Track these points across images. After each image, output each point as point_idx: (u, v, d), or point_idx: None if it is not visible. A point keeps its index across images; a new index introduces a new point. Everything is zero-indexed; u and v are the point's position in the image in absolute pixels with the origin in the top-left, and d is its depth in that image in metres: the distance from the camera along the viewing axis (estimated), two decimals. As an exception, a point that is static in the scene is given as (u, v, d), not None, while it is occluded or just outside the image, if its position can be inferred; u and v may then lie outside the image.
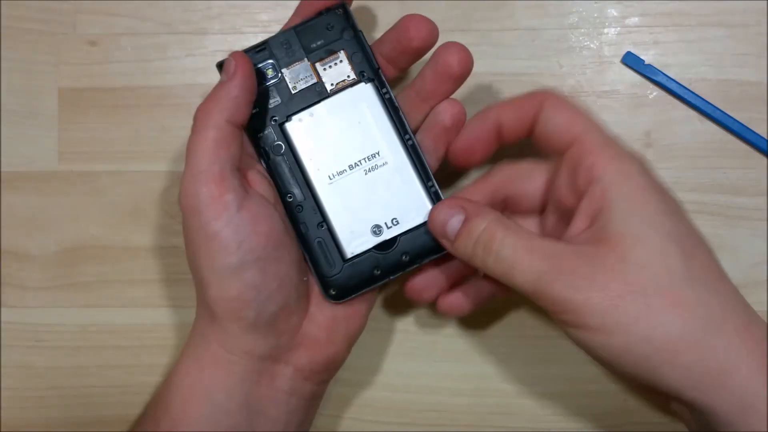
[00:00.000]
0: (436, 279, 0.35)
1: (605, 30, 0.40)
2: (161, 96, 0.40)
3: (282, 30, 0.35)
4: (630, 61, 0.39)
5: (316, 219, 0.34)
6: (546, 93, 0.33)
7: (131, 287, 0.40)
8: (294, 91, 0.34)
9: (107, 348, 0.40)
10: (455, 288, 0.36)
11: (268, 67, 0.34)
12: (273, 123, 0.34)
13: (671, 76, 0.39)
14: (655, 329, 0.28)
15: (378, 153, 0.34)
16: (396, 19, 0.34)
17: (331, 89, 0.34)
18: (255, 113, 0.34)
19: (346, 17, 0.34)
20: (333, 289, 0.34)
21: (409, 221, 0.34)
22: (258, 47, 0.34)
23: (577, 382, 0.39)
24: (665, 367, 0.28)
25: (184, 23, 0.40)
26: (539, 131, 0.33)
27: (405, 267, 0.34)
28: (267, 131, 0.34)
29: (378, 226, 0.34)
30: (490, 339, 0.40)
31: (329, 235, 0.34)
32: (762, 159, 0.39)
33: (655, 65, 0.39)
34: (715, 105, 0.39)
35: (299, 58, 0.34)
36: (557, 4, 0.40)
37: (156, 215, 0.40)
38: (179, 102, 0.40)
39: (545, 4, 0.40)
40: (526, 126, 0.33)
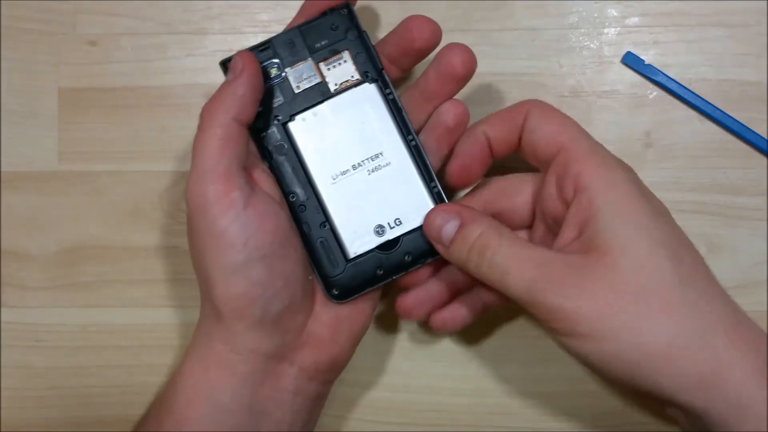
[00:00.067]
0: (427, 297, 0.35)
1: (605, 30, 0.40)
2: (161, 96, 0.40)
3: (286, 29, 0.35)
4: (630, 61, 0.39)
5: (319, 219, 0.34)
6: (530, 103, 0.33)
7: (131, 287, 0.40)
8: (297, 91, 0.34)
9: (107, 348, 0.40)
10: (447, 304, 0.35)
11: (271, 66, 0.34)
12: (276, 122, 0.34)
13: (671, 76, 0.39)
14: (646, 335, 0.28)
15: (381, 153, 0.34)
16: (396, 20, 0.34)
17: (335, 89, 0.34)
18: (258, 112, 0.34)
19: (350, 17, 0.34)
20: (336, 289, 0.34)
21: (412, 221, 0.34)
22: (262, 46, 0.34)
23: (577, 382, 0.39)
24: (657, 373, 0.28)
25: (184, 23, 0.40)
26: (525, 142, 0.33)
27: (408, 267, 0.34)
28: (270, 130, 0.34)
29: (381, 226, 0.34)
30: (490, 339, 0.40)
31: (332, 235, 0.34)
32: (762, 159, 0.39)
33: (655, 65, 0.39)
34: (715, 105, 0.39)
35: (303, 57, 0.34)
36: (557, 4, 0.40)
37: (156, 215, 0.40)
38: (179, 102, 0.40)
39: (545, 4, 0.40)
40: (514, 139, 0.33)
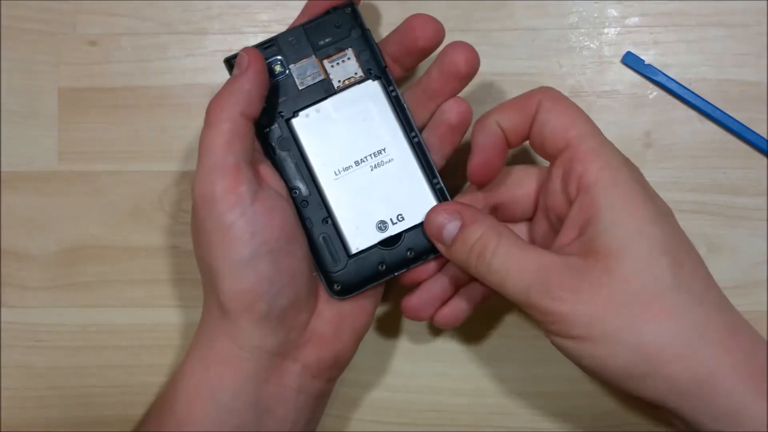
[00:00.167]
0: (432, 297, 0.35)
1: (605, 30, 0.40)
2: (161, 96, 0.40)
3: (290, 27, 0.35)
4: (630, 61, 0.39)
5: (321, 214, 0.34)
6: (543, 92, 0.32)
7: (131, 287, 0.40)
8: (301, 87, 0.34)
9: (107, 348, 0.40)
10: (448, 300, 0.35)
11: (276, 63, 0.34)
12: (280, 118, 0.34)
13: (671, 76, 0.39)
14: (640, 338, 0.28)
15: (384, 150, 0.34)
16: (396, 20, 0.34)
17: (338, 86, 0.35)
18: (262, 108, 0.34)
19: (354, 16, 0.34)
20: (337, 285, 0.34)
21: (415, 218, 0.34)
22: (266, 43, 0.34)
23: (577, 382, 0.39)
24: (649, 377, 0.28)
25: (184, 23, 0.40)
26: (535, 133, 0.32)
27: (410, 263, 0.34)
28: (273, 126, 0.34)
29: (383, 222, 0.34)
30: (489, 339, 0.40)
31: (334, 231, 0.34)
32: (762, 159, 0.39)
33: (655, 65, 0.39)
34: (715, 105, 0.39)
35: (307, 54, 0.34)
36: (557, 4, 0.40)
37: (156, 215, 0.40)
38: (179, 102, 0.40)
39: (545, 4, 0.40)
40: (526, 128, 0.33)
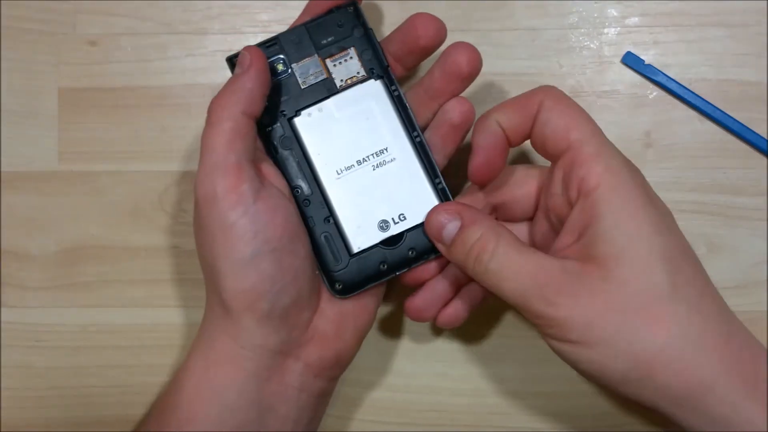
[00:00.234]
0: (435, 297, 0.35)
1: (605, 30, 0.40)
2: (161, 96, 0.40)
3: (292, 26, 0.35)
4: (630, 61, 0.39)
5: (323, 213, 0.34)
6: (545, 92, 0.32)
7: (131, 287, 0.40)
8: (303, 86, 0.35)
9: (107, 348, 0.40)
10: (450, 300, 0.35)
11: (278, 62, 0.34)
12: (282, 117, 0.34)
13: (671, 76, 0.39)
14: (635, 345, 0.28)
15: (386, 149, 0.34)
16: (397, 19, 0.34)
17: (341, 85, 0.35)
18: (264, 107, 0.34)
19: (356, 15, 0.34)
20: (339, 284, 0.34)
21: (416, 217, 0.34)
22: (269, 42, 0.34)
23: (577, 382, 0.39)
24: (642, 383, 0.29)
25: (184, 23, 0.40)
26: (536, 133, 0.32)
27: (411, 263, 0.34)
28: (276, 125, 0.34)
29: (385, 221, 0.34)
30: (489, 339, 0.40)
31: (336, 230, 0.34)
32: (762, 159, 0.39)
33: (655, 65, 0.39)
34: (715, 105, 0.39)
35: (309, 53, 0.34)
36: (557, 4, 0.40)
37: (156, 215, 0.40)
38: (179, 102, 0.40)
39: (545, 4, 0.40)
40: (527, 128, 0.32)
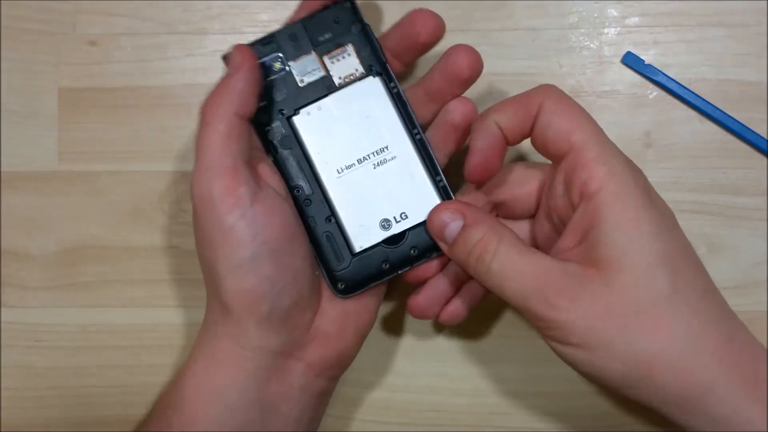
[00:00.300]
0: (437, 295, 0.35)
1: (605, 30, 0.40)
2: (161, 96, 0.40)
3: (289, 23, 0.34)
4: (630, 61, 0.39)
5: (324, 213, 0.34)
6: (545, 93, 0.32)
7: (131, 287, 0.40)
8: (302, 85, 0.34)
9: (107, 348, 0.40)
10: (452, 297, 0.35)
11: (275, 60, 0.34)
12: (281, 116, 0.34)
13: (671, 76, 0.39)
14: (634, 348, 0.28)
15: (386, 147, 0.34)
16: (397, 19, 0.34)
17: (339, 83, 0.34)
18: (262, 106, 0.34)
19: (353, 11, 0.34)
20: (341, 283, 0.34)
21: (418, 216, 0.34)
22: (265, 40, 0.34)
23: (577, 382, 0.39)
24: (642, 384, 0.29)
25: (184, 23, 0.40)
26: (537, 134, 0.32)
27: (414, 261, 0.34)
28: (275, 124, 0.34)
29: (387, 220, 0.34)
30: (489, 339, 0.40)
31: (338, 229, 0.34)
32: (762, 159, 0.39)
33: (655, 65, 0.39)
34: (715, 105, 0.39)
35: (306, 50, 0.34)
36: (557, 4, 0.40)
37: (156, 215, 0.40)
38: (179, 102, 0.40)
39: (545, 4, 0.40)
40: (527, 128, 0.32)
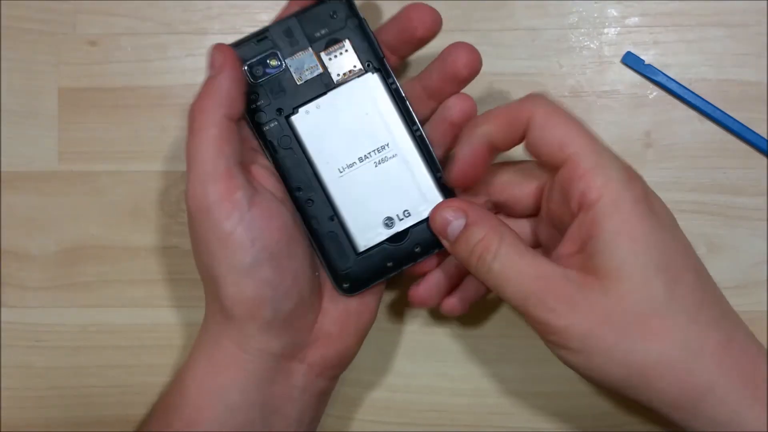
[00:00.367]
0: (438, 285, 0.35)
1: (605, 30, 0.40)
2: (161, 96, 0.40)
3: (281, 18, 0.33)
4: (630, 61, 0.39)
5: (327, 212, 0.34)
6: (534, 104, 0.31)
7: (131, 287, 0.40)
8: (299, 82, 0.33)
9: (107, 348, 0.40)
10: (455, 289, 0.35)
11: (271, 57, 0.33)
12: (279, 115, 0.33)
13: (671, 76, 0.39)
14: (632, 356, 0.29)
15: (387, 144, 0.34)
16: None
17: (338, 80, 0.33)
18: (260, 105, 0.33)
19: (349, 5, 0.33)
20: (346, 283, 0.34)
21: (420, 213, 0.34)
22: (258, 36, 0.33)
23: (577, 382, 0.39)
24: (641, 389, 0.29)
25: (184, 23, 0.40)
26: (529, 145, 0.31)
27: (417, 258, 0.34)
28: (273, 124, 0.33)
29: (390, 218, 0.34)
30: (489, 339, 0.40)
31: (341, 229, 0.34)
32: (762, 159, 0.39)
33: (655, 65, 0.39)
34: (715, 105, 0.39)
35: (303, 47, 0.33)
36: (557, 4, 0.40)
37: (156, 215, 0.40)
38: (179, 102, 0.40)
39: (545, 4, 0.40)
40: (517, 138, 0.32)
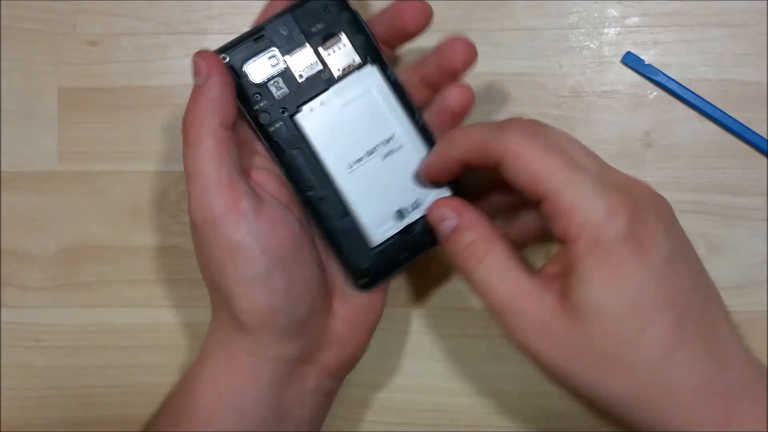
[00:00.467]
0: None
1: (605, 30, 0.40)
2: (161, 96, 0.40)
3: (275, 14, 0.33)
4: (630, 61, 0.39)
5: (339, 210, 0.33)
6: (508, 139, 0.29)
7: (131, 287, 0.40)
8: (301, 80, 0.33)
9: (107, 348, 0.40)
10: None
11: (269, 56, 0.33)
12: (283, 115, 0.33)
13: (671, 76, 0.39)
14: (601, 391, 0.28)
15: (393, 137, 0.33)
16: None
17: (338, 75, 0.33)
18: (263, 106, 0.33)
19: None
20: (363, 278, 0.34)
21: (429, 203, 0.34)
22: (255, 34, 0.32)
23: (577, 382, 0.39)
24: (611, 415, 0.28)
25: (184, 23, 0.40)
26: (507, 179, 0.30)
27: (428, 247, 0.34)
28: (278, 125, 0.33)
29: (401, 210, 0.34)
30: (490, 339, 0.40)
31: (354, 225, 0.33)
32: (762, 159, 0.39)
33: (655, 65, 0.39)
34: (715, 105, 0.39)
35: (300, 43, 0.33)
36: (557, 4, 0.40)
37: (156, 215, 0.40)
38: (179, 102, 0.40)
39: (545, 4, 0.40)
40: (490, 166, 0.30)
